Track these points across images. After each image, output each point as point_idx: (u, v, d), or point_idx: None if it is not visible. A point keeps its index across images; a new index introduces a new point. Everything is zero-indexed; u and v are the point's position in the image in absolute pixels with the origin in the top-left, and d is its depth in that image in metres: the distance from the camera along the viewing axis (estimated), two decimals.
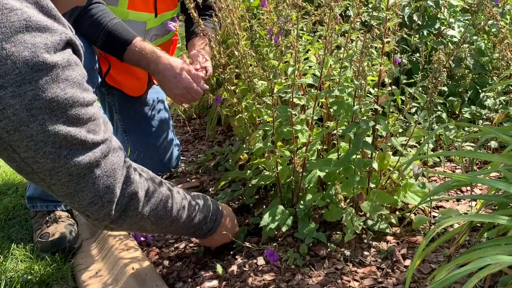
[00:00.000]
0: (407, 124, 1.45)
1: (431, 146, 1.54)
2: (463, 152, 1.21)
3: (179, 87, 1.49)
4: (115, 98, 1.78)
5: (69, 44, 0.86)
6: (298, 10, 1.26)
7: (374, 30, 1.10)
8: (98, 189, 0.95)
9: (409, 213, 1.33)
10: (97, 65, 1.52)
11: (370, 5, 1.69)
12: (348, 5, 1.38)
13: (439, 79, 1.10)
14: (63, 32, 0.84)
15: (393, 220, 1.31)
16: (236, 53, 1.46)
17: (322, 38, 1.31)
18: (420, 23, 1.86)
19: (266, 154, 1.43)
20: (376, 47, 1.27)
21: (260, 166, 1.49)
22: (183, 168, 1.98)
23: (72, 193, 0.93)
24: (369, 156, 1.32)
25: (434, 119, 1.74)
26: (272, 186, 1.51)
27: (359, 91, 1.19)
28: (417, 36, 1.90)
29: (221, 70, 1.62)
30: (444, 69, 1.20)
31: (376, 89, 1.31)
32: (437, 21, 1.91)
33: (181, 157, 2.09)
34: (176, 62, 1.50)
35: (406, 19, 1.87)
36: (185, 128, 2.53)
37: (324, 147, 1.49)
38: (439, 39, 1.92)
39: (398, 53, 1.43)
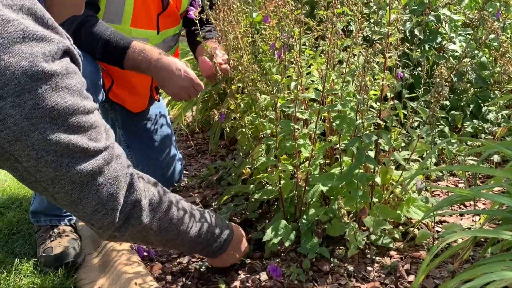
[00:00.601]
0: (410, 138, 1.45)
1: (433, 160, 1.54)
2: (466, 166, 1.21)
3: (183, 79, 1.49)
4: (118, 113, 1.79)
5: (66, 53, 0.86)
6: (301, 26, 1.28)
7: (376, 45, 1.11)
8: (101, 197, 0.94)
9: (412, 228, 1.32)
10: (101, 80, 1.53)
11: (371, 20, 1.70)
12: (350, 20, 1.39)
13: (441, 93, 1.10)
14: (60, 41, 0.85)
15: (397, 235, 1.30)
16: (240, 67, 1.47)
17: (325, 53, 1.32)
18: (421, 37, 1.87)
19: (269, 169, 1.43)
20: (378, 62, 1.27)
21: (263, 180, 1.49)
22: (186, 182, 1.98)
23: (75, 201, 0.93)
24: (372, 170, 1.32)
25: (437, 133, 1.74)
26: (275, 200, 1.51)
27: (362, 105, 1.20)
28: (419, 50, 1.91)
29: (224, 84, 1.63)
30: (446, 83, 1.21)
31: (378, 103, 1.32)
32: (439, 35, 1.93)
33: (184, 172, 2.10)
34: (176, 59, 1.52)
35: (407, 34, 1.89)
36: (188, 143, 2.54)
37: (327, 161, 1.49)
38: (441, 54, 1.93)
39: (400, 68, 1.44)
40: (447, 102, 1.84)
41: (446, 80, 1.24)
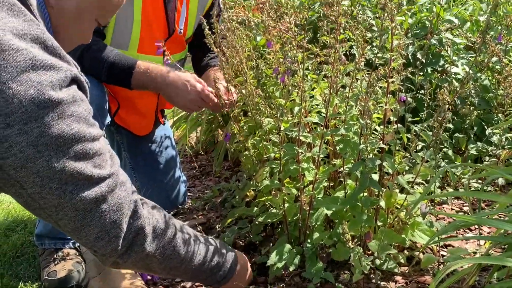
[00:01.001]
0: (414, 161, 1.46)
1: (437, 183, 1.54)
2: (470, 192, 1.21)
3: (190, 93, 1.50)
4: (124, 136, 1.80)
5: (74, 80, 0.88)
6: (304, 51, 1.29)
7: (379, 70, 1.13)
8: (104, 224, 0.94)
9: (417, 252, 1.32)
10: (107, 104, 1.55)
11: (374, 43, 1.72)
12: (352, 45, 1.41)
13: (444, 118, 1.11)
14: (68, 69, 0.86)
15: (402, 260, 1.30)
16: (244, 91, 1.48)
17: (328, 77, 1.33)
18: (424, 61, 1.89)
19: (273, 192, 1.43)
20: (381, 87, 1.29)
21: (267, 203, 1.49)
22: (190, 204, 1.98)
23: (78, 228, 0.93)
24: (376, 194, 1.32)
25: (440, 156, 1.74)
26: (279, 223, 1.50)
27: (365, 130, 1.21)
28: (422, 73, 1.92)
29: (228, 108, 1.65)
30: (449, 107, 1.21)
31: (382, 127, 1.32)
32: (441, 58, 1.94)
33: (188, 193, 2.10)
34: (182, 73, 1.53)
35: (410, 57, 1.90)
36: (192, 164, 2.55)
37: (331, 184, 1.49)
38: (444, 77, 1.95)
39: (403, 92, 1.45)
40: (451, 125, 1.85)
41: (449, 103, 1.25)
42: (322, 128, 1.32)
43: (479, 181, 1.67)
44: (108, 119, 1.58)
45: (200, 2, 1.67)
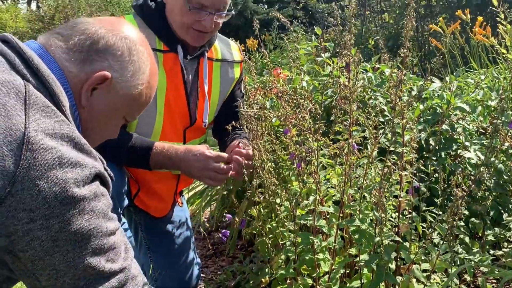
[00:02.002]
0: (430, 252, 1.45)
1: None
2: None
3: (199, 161, 1.51)
4: (142, 217, 1.82)
5: (97, 176, 0.91)
6: (318, 141, 1.33)
7: (391, 167, 1.15)
8: None
9: None
10: (125, 187, 1.59)
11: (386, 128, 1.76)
12: (365, 137, 1.45)
13: (458, 213, 1.12)
14: (93, 166, 0.90)
15: None
16: (261, 172, 1.50)
17: (342, 169, 1.36)
18: (437, 147, 1.92)
19: (288, 280, 1.42)
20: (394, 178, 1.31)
21: None
22: (203, 287, 1.96)
23: None
24: (393, 284, 1.30)
25: (457, 242, 1.72)
26: None
27: (380, 223, 1.22)
28: (435, 158, 1.94)
29: (248, 191, 1.67)
30: (464, 195, 1.22)
31: (396, 214, 1.33)
32: (454, 143, 1.97)
33: (201, 274, 2.08)
34: (193, 146, 1.56)
35: (422, 142, 1.93)
36: (205, 242, 2.54)
37: (347, 272, 1.47)
38: (457, 161, 1.96)
39: (417, 179, 1.47)
40: (466, 212, 1.84)
41: (464, 190, 1.26)
42: (337, 215, 1.33)
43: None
44: (126, 202, 1.61)
45: (221, 91, 1.75)
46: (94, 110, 1.02)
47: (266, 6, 14.85)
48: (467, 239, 1.75)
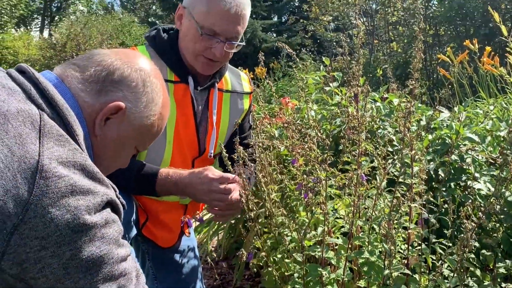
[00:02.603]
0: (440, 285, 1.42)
1: None
2: None
3: (202, 184, 1.49)
4: (150, 246, 1.82)
5: (109, 203, 0.92)
6: (326, 172, 1.33)
7: (401, 198, 1.15)
8: None
9: None
10: (134, 217, 1.59)
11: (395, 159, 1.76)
12: (373, 167, 1.44)
13: (468, 247, 1.11)
14: (105, 193, 0.91)
15: None
16: (268, 205, 1.50)
17: (351, 200, 1.35)
18: (446, 178, 1.90)
19: None
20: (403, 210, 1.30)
21: None
22: None
23: None
24: None
25: (468, 275, 1.69)
26: None
27: (389, 255, 1.20)
28: (444, 189, 1.93)
29: (251, 223, 1.66)
30: (474, 227, 1.21)
31: (406, 246, 1.32)
32: (463, 174, 1.96)
33: None
34: (197, 170, 1.54)
35: (432, 172, 1.92)
36: (212, 272, 2.51)
37: None
38: (466, 192, 1.95)
39: (426, 213, 1.46)
40: (476, 243, 1.81)
41: (473, 222, 1.25)
42: (346, 246, 1.32)
43: None
44: (134, 232, 1.61)
45: (230, 121, 1.76)
46: (107, 139, 1.03)
47: (275, 35, 15.08)
48: (478, 272, 1.72)
